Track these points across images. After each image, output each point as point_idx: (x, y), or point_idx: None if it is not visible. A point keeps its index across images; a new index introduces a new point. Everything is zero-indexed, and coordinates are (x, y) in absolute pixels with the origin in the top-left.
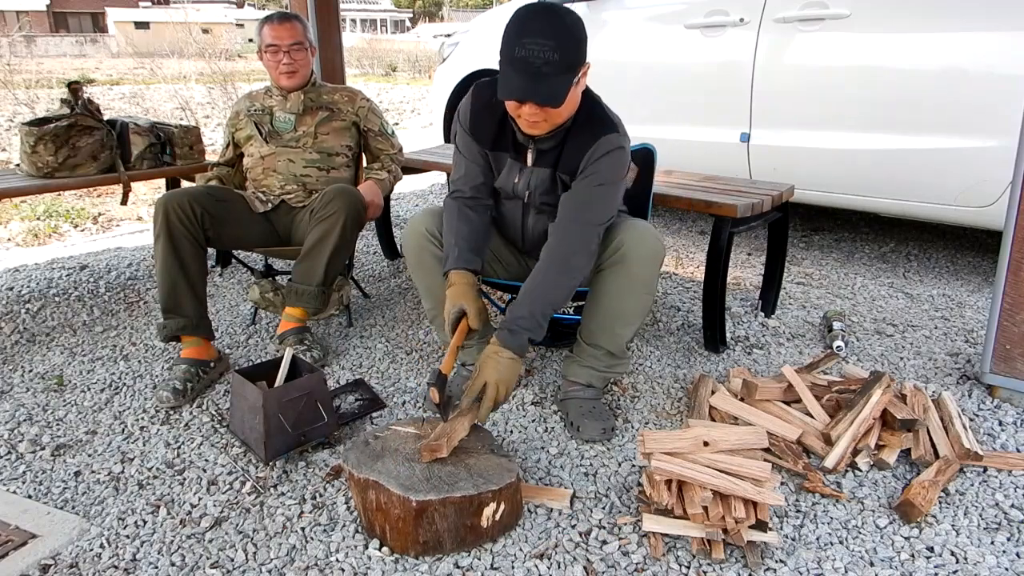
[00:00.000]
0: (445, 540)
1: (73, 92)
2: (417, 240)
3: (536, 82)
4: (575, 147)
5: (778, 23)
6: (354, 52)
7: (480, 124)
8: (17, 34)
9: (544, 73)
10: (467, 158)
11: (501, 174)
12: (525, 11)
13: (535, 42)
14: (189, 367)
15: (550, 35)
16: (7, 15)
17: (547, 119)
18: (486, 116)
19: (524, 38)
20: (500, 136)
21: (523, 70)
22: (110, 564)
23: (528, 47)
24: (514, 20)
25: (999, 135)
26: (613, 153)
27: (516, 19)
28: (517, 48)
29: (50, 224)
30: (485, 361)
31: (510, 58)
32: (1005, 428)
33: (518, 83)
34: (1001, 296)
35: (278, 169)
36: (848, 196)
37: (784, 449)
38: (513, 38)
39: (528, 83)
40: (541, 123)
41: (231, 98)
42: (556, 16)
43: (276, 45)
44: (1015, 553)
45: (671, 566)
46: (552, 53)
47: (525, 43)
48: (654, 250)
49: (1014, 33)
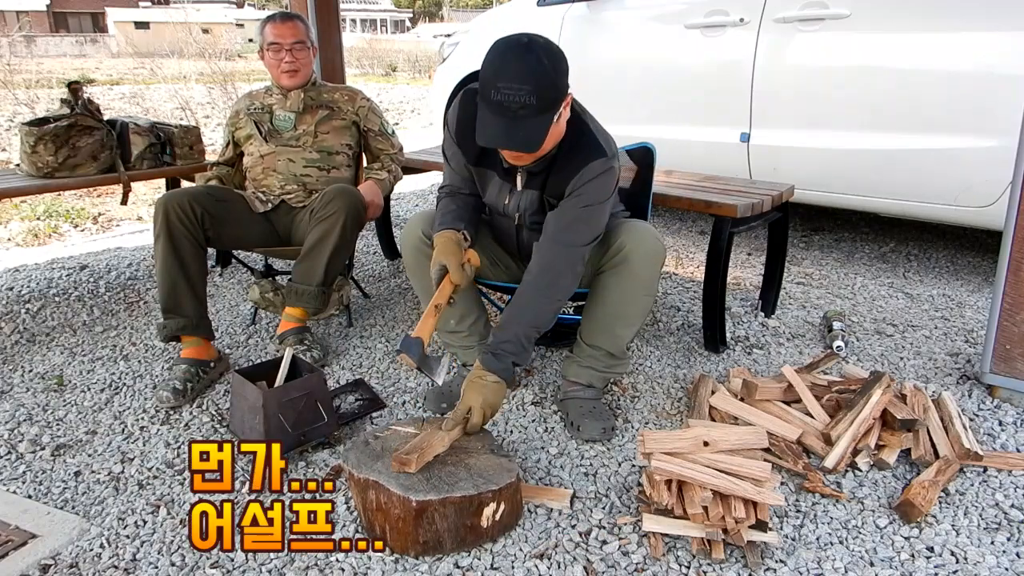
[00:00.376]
0: (445, 540)
1: (73, 92)
2: (414, 243)
3: (513, 127)
4: (562, 173)
5: (778, 23)
6: (354, 52)
7: (466, 138)
8: (17, 34)
9: (521, 116)
10: (452, 167)
11: (489, 191)
12: (501, 50)
13: (510, 87)
14: (189, 367)
15: (526, 78)
16: (7, 15)
17: (531, 154)
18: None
19: (499, 81)
20: (485, 153)
21: (499, 113)
22: (110, 564)
23: (503, 92)
24: (490, 58)
25: (999, 135)
26: (599, 178)
27: (492, 58)
28: (493, 92)
29: (50, 224)
30: (469, 385)
31: (487, 100)
32: (1005, 428)
33: (495, 129)
34: (1001, 296)
35: (278, 169)
36: (848, 196)
37: (784, 449)
38: (490, 79)
39: (505, 129)
40: (524, 157)
41: (231, 98)
42: (532, 56)
43: (278, 43)
44: (1015, 553)
45: (671, 566)
46: (528, 97)
47: (500, 87)
48: (655, 251)
49: (1014, 33)
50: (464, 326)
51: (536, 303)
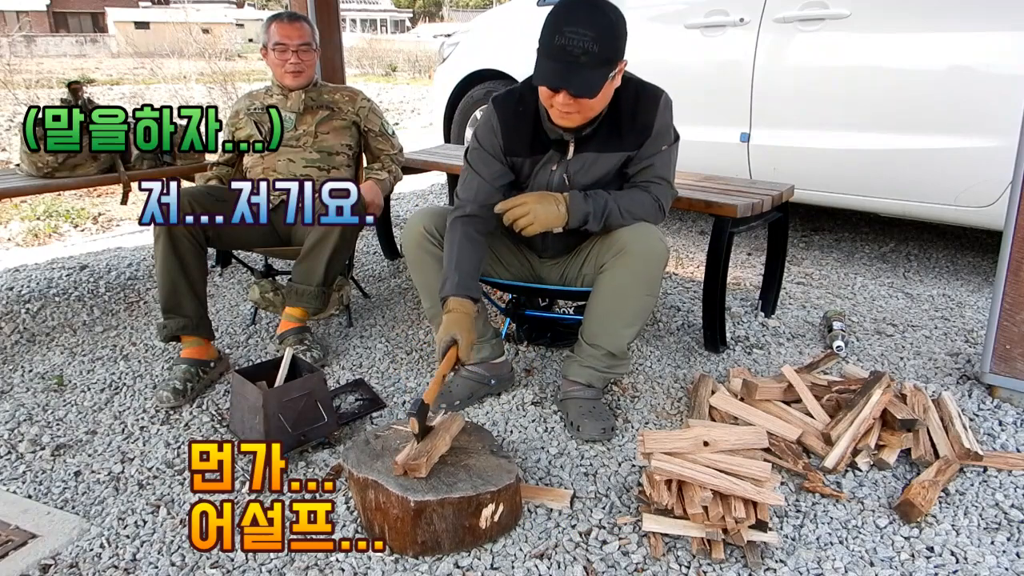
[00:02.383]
0: (443, 540)
1: (73, 92)
2: (416, 239)
3: (572, 71)
4: (637, 119)
5: (778, 23)
6: (354, 52)
7: (514, 135)
8: (17, 34)
9: (581, 63)
10: (481, 176)
11: (539, 177)
12: (570, 2)
13: (575, 31)
14: (189, 367)
15: (591, 26)
16: (7, 15)
17: (580, 111)
18: (518, 124)
19: (565, 27)
20: (536, 138)
21: (561, 59)
22: (110, 564)
23: (568, 35)
24: (556, 9)
25: (999, 135)
26: (671, 113)
27: (559, 8)
28: (557, 36)
29: (50, 224)
30: (540, 193)
31: (548, 46)
32: (1005, 428)
33: (554, 70)
34: (1001, 296)
35: (278, 169)
36: (848, 196)
37: (784, 449)
38: (553, 27)
39: (564, 71)
40: (574, 115)
41: (231, 98)
42: (599, 9)
43: (285, 44)
44: (1015, 553)
45: (671, 566)
46: (592, 44)
47: (565, 31)
48: (657, 251)
49: (1014, 33)
50: None
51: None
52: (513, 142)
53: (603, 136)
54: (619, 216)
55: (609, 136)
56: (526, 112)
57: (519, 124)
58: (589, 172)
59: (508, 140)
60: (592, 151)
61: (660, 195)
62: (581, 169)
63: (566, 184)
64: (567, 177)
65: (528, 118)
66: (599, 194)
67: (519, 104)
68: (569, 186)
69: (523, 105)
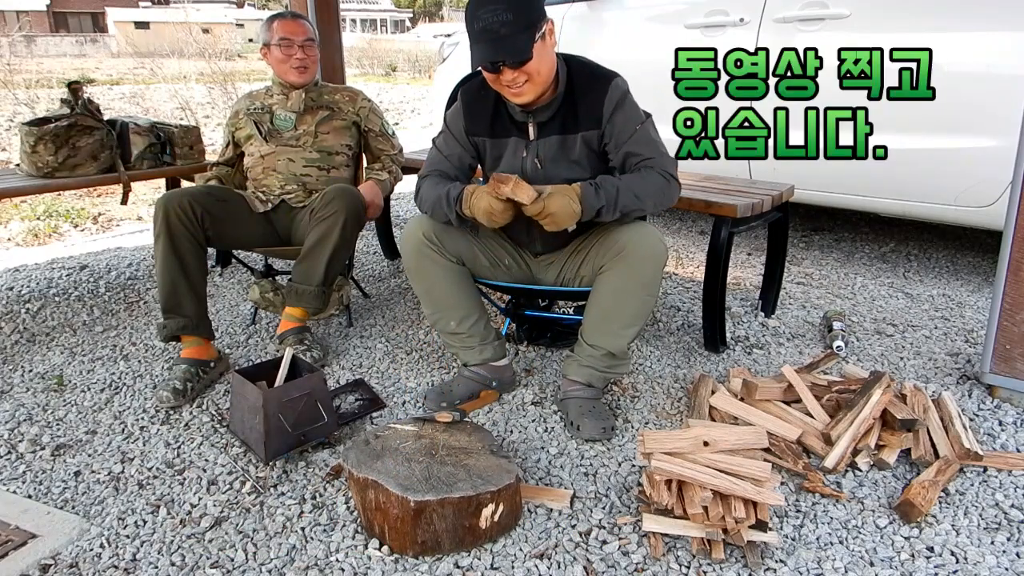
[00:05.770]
0: (443, 540)
1: (73, 92)
2: (415, 245)
3: (499, 44)
4: (587, 98)
5: (778, 23)
6: (354, 52)
7: (475, 115)
8: (17, 34)
9: (504, 35)
10: (443, 153)
11: (505, 159)
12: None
13: (487, 9)
14: (189, 367)
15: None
16: (7, 15)
17: (529, 80)
18: (479, 107)
19: (479, 10)
20: (496, 120)
21: (485, 39)
22: (110, 564)
23: (483, 17)
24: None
25: (999, 135)
26: (628, 96)
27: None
28: (475, 22)
29: (50, 224)
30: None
31: (472, 33)
32: (1005, 428)
33: (483, 50)
34: (1001, 296)
35: (278, 168)
36: (848, 196)
37: (784, 449)
38: (471, 15)
39: (491, 48)
40: (524, 88)
41: (231, 98)
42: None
43: (290, 39)
44: (1015, 553)
45: (671, 566)
46: (505, 14)
47: (479, 14)
48: (657, 252)
49: (1014, 33)
50: (465, 328)
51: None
52: (475, 123)
53: (561, 119)
54: (634, 200)
55: (566, 118)
56: (487, 95)
57: (481, 106)
58: (558, 156)
59: (470, 121)
60: (555, 133)
61: (662, 167)
62: (550, 153)
63: (538, 168)
64: (538, 161)
65: (489, 101)
66: (608, 182)
67: (482, 88)
68: (541, 169)
69: (485, 89)
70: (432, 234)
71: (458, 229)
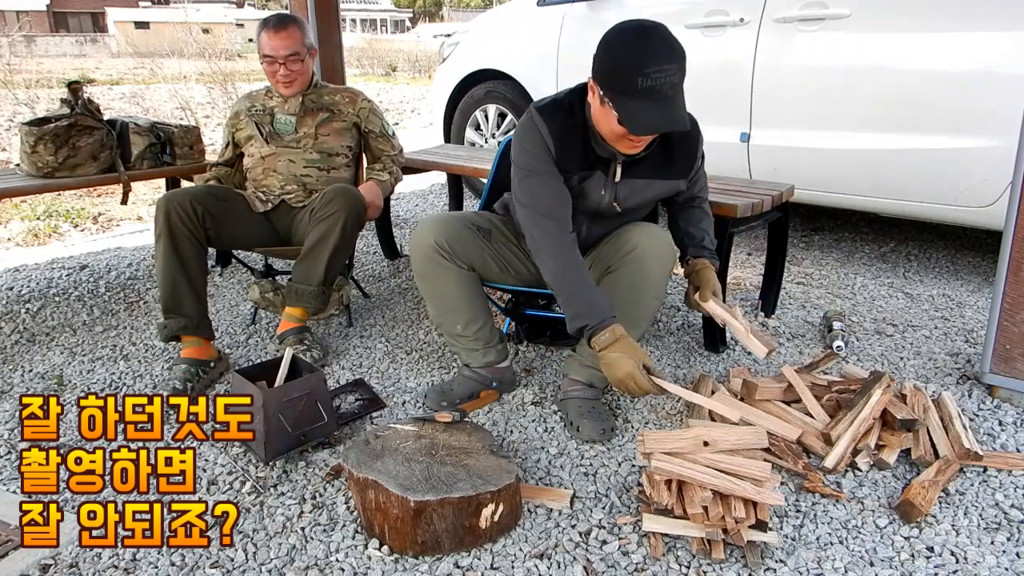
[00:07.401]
0: (443, 540)
1: (73, 92)
2: (425, 251)
3: (669, 110)
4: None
5: (778, 23)
6: (354, 52)
7: (566, 149)
8: (17, 34)
9: (670, 97)
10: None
11: (591, 195)
12: (636, 37)
13: (661, 69)
14: (189, 367)
15: (672, 57)
16: (7, 15)
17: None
18: (570, 140)
19: (648, 68)
20: (586, 155)
21: (651, 99)
22: (110, 564)
23: (654, 77)
24: (628, 50)
25: (999, 135)
26: None
27: (631, 48)
28: (641, 80)
29: (50, 224)
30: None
31: (633, 89)
32: (1005, 428)
33: (654, 115)
34: (1001, 296)
35: (278, 169)
36: (848, 196)
37: (784, 449)
38: (634, 68)
39: (663, 113)
40: (643, 143)
41: (231, 98)
42: (667, 36)
43: (272, 57)
44: (1015, 553)
45: (671, 566)
46: (676, 75)
47: (650, 73)
48: (666, 254)
49: (1014, 33)
50: (470, 332)
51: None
52: (565, 157)
53: (653, 161)
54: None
55: (657, 162)
56: (576, 127)
57: (572, 139)
58: (638, 198)
59: (560, 155)
60: (643, 177)
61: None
62: (631, 194)
63: (615, 208)
64: (616, 203)
65: (579, 133)
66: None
67: (569, 118)
68: (617, 209)
69: (573, 119)
70: (444, 241)
71: (470, 236)
